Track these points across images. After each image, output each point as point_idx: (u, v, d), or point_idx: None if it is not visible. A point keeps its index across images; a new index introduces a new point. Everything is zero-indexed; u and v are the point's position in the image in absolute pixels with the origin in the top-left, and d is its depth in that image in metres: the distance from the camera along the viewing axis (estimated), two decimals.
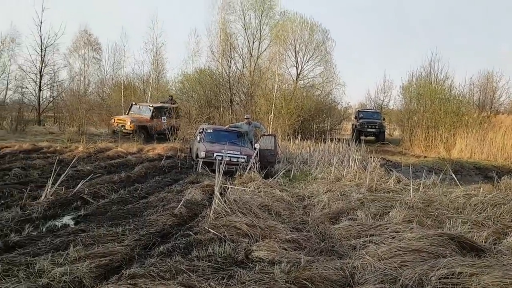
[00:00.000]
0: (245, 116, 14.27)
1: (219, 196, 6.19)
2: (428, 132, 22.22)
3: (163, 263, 4.11)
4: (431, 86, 23.96)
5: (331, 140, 18.01)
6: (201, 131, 12.78)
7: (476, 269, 3.96)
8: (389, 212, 6.62)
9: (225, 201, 6.12)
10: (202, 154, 11.06)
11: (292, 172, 11.63)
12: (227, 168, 9.22)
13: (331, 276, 4.05)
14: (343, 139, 21.48)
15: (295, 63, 31.46)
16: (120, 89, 27.76)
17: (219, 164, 7.21)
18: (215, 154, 10.79)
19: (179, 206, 6.44)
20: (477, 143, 19.55)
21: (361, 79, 66.14)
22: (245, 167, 10.22)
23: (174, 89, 30.06)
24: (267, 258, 4.55)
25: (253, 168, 10.18)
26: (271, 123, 22.20)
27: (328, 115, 29.70)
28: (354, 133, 26.06)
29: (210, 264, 4.27)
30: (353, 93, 64.71)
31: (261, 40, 30.75)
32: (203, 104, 26.06)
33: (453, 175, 9.77)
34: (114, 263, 4.26)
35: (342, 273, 4.12)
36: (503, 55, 56.96)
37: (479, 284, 3.71)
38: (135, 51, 54.30)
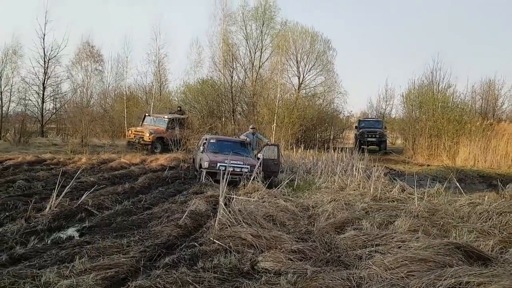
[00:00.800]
0: (250, 126, 14.65)
1: (224, 206, 6.19)
2: (431, 140, 22.17)
3: (169, 274, 4.09)
4: (433, 94, 23.95)
5: (334, 149, 18.00)
6: (204, 141, 12.79)
7: (484, 278, 3.93)
8: (394, 222, 6.60)
9: (229, 212, 6.11)
10: (206, 164, 11.05)
11: (296, 181, 11.61)
12: (230, 178, 9.22)
13: (338, 287, 4.03)
14: (346, 148, 21.46)
15: (296, 72, 31.64)
16: (122, 100, 27.88)
17: (223, 174, 7.21)
18: (218, 164, 10.80)
19: (184, 217, 6.43)
20: (480, 151, 19.51)
21: (363, 87, 66.35)
22: (249, 177, 10.22)
23: (177, 99, 30.13)
24: (273, 269, 4.53)
25: (256, 178, 10.18)
26: (273, 132, 22.22)
27: (330, 124, 29.75)
28: (356, 142, 26.00)
29: (216, 275, 4.25)
30: (355, 102, 64.65)
31: (262, 50, 30.89)
32: (205, 114, 26.09)
33: (457, 183, 9.75)
34: (120, 275, 4.25)
35: (349, 284, 4.10)
36: (505, 61, 57.07)
37: None
38: (137, 62, 54.38)
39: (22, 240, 5.24)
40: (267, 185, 10.23)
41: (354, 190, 9.95)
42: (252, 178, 10.04)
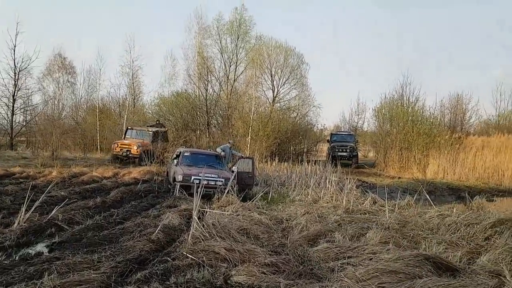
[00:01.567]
0: (229, 140, 15.54)
1: (197, 220, 6.16)
2: (402, 153, 22.67)
3: None
4: (403, 108, 24.52)
5: (308, 162, 18.17)
6: (178, 154, 12.71)
7: None
8: (366, 234, 6.70)
9: (203, 226, 6.08)
10: (180, 177, 10.98)
11: (270, 194, 11.66)
12: (205, 191, 9.19)
13: None
14: (319, 160, 21.70)
15: (271, 86, 31.97)
16: (95, 113, 27.49)
17: (197, 187, 7.18)
18: (192, 178, 10.75)
19: (157, 231, 6.36)
20: (449, 163, 20.08)
21: (336, 101, 67.49)
22: (223, 190, 10.20)
23: (151, 112, 29.94)
24: (246, 283, 4.53)
25: (231, 191, 10.17)
26: (248, 145, 22.28)
27: (304, 137, 30.06)
28: (329, 156, 26.22)
29: None
30: (328, 115, 65.69)
31: (237, 64, 31.17)
32: (180, 127, 26.01)
33: (427, 195, 9.97)
34: None
35: None
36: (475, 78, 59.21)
37: None
38: (111, 74, 54.16)
39: None
40: (241, 198, 10.23)
41: (327, 203, 10.07)
42: (226, 191, 10.03)
